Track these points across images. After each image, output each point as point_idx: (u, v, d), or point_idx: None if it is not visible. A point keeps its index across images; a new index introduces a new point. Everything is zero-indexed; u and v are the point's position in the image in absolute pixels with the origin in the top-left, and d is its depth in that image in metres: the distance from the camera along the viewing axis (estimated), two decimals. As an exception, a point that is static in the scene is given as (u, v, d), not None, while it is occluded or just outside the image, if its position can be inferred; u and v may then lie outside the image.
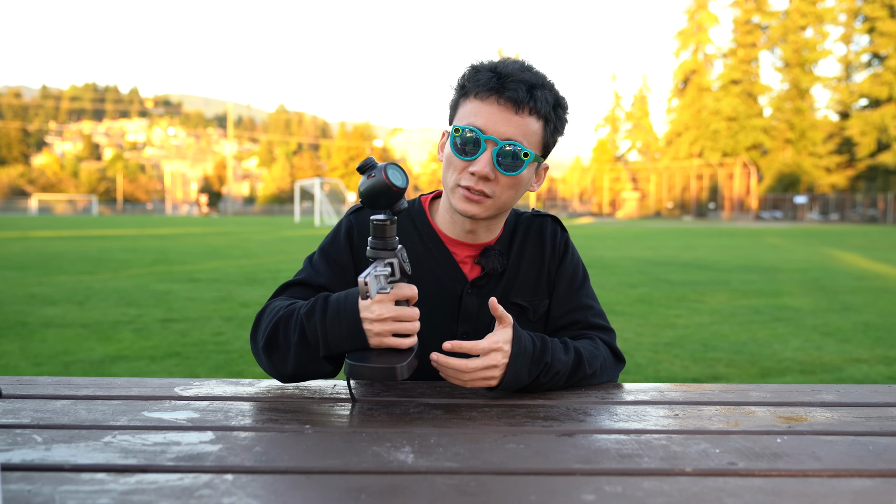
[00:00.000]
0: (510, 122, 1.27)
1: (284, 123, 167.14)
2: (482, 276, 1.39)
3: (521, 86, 1.26)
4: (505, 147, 1.26)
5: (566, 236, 1.49)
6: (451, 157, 1.31)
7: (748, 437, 1.03)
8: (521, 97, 1.26)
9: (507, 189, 1.30)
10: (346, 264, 1.38)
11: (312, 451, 0.95)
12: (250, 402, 1.20)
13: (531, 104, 1.27)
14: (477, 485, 0.83)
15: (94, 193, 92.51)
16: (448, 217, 1.40)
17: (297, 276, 1.38)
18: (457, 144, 1.29)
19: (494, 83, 1.27)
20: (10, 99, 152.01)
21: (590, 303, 1.45)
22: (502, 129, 1.27)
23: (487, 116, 1.27)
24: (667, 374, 4.60)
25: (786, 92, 65.04)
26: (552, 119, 1.32)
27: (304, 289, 1.35)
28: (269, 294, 8.27)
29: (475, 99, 1.30)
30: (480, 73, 1.30)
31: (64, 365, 4.63)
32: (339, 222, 1.43)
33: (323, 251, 1.40)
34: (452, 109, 1.37)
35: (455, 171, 1.31)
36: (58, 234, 23.57)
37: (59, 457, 0.90)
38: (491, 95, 1.28)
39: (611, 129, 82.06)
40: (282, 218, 64.34)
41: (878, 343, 5.66)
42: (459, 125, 1.29)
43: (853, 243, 21.51)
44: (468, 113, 1.30)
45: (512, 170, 1.28)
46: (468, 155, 1.28)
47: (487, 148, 1.27)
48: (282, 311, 1.24)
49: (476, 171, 1.27)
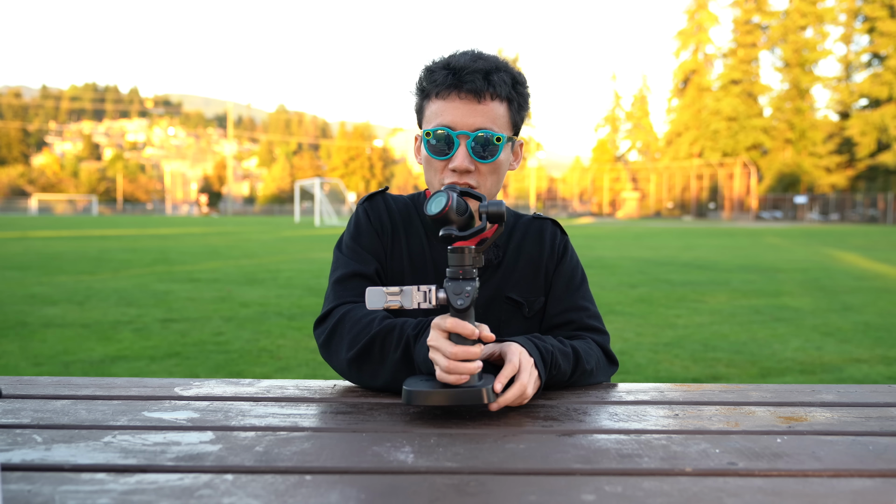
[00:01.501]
0: (475, 112, 1.31)
1: (284, 123, 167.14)
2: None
3: (477, 75, 1.30)
4: (477, 137, 1.30)
5: (566, 239, 1.51)
6: (428, 159, 1.36)
7: (748, 437, 1.03)
8: (480, 86, 1.29)
9: (489, 175, 1.34)
10: (378, 247, 1.41)
11: (312, 451, 0.94)
12: (250, 402, 1.19)
13: (491, 90, 1.30)
14: (477, 485, 0.83)
15: (94, 193, 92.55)
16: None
17: (347, 269, 1.38)
18: (431, 146, 1.33)
19: (451, 80, 1.31)
20: (10, 99, 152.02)
21: (586, 304, 1.47)
22: (470, 121, 1.30)
23: (453, 112, 1.31)
24: (667, 374, 4.60)
25: (786, 92, 65.07)
26: (514, 97, 1.35)
27: (361, 279, 1.37)
28: (269, 294, 8.30)
29: (437, 99, 1.33)
30: (435, 72, 1.34)
31: (64, 365, 4.63)
32: (355, 212, 1.45)
33: (355, 241, 1.41)
34: (418, 113, 1.41)
35: (436, 171, 1.35)
36: (58, 234, 23.58)
37: (59, 457, 0.90)
38: (451, 92, 1.31)
39: (611, 129, 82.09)
40: (282, 218, 64.36)
41: (878, 343, 5.66)
42: (429, 128, 1.33)
43: (853, 243, 21.51)
44: (434, 114, 1.34)
45: (489, 157, 1.32)
46: (444, 154, 1.32)
47: (461, 143, 1.31)
48: (376, 326, 1.25)
49: (455, 166, 1.31)
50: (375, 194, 1.47)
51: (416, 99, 1.40)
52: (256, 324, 6.22)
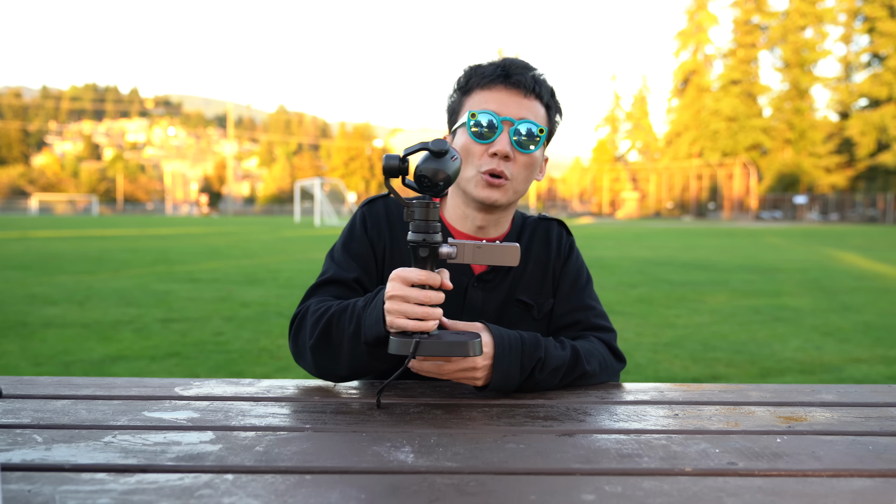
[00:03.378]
0: (521, 104, 1.32)
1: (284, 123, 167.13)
2: (489, 270, 1.40)
3: (525, 73, 1.33)
4: (521, 126, 1.31)
5: (571, 239, 1.52)
6: (468, 145, 1.33)
7: (748, 436, 1.03)
8: (528, 82, 1.33)
9: (523, 170, 1.34)
10: (368, 255, 1.40)
11: (312, 451, 0.95)
12: (250, 402, 1.19)
13: (536, 89, 1.34)
14: (477, 485, 0.83)
15: (94, 193, 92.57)
16: (460, 212, 1.41)
17: (326, 275, 1.38)
18: (474, 130, 1.31)
19: (500, 72, 1.33)
20: (10, 99, 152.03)
21: (592, 304, 1.47)
22: (514, 111, 1.32)
23: (499, 101, 1.32)
24: (667, 374, 4.60)
25: (785, 92, 65.07)
26: (553, 106, 1.39)
27: (337, 286, 1.36)
28: (269, 294, 8.31)
29: (481, 90, 1.34)
30: (482, 68, 1.36)
31: (64, 365, 4.63)
32: (354, 216, 1.45)
33: (345, 246, 1.41)
34: (453, 112, 1.39)
35: (474, 157, 1.33)
36: (58, 234, 23.57)
37: (60, 457, 0.90)
38: (498, 83, 1.33)
39: (611, 129, 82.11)
40: (282, 218, 64.34)
41: (878, 343, 5.66)
42: (474, 110, 1.32)
43: (853, 243, 21.51)
44: (478, 103, 1.33)
45: (529, 147, 1.32)
46: (486, 138, 1.31)
47: (504, 128, 1.31)
48: (333, 308, 1.25)
49: (497, 150, 1.30)
50: (377, 198, 1.45)
51: (455, 96, 1.39)
52: (256, 324, 6.22)
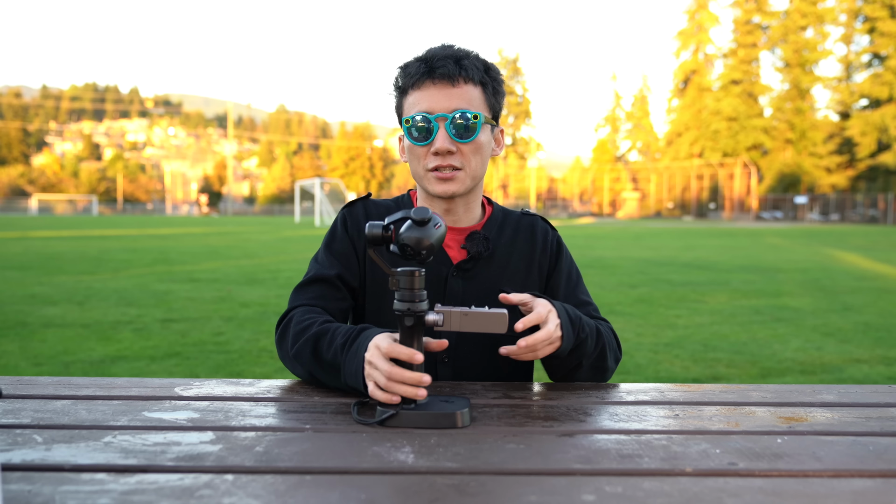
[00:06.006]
0: (450, 95, 1.34)
1: (284, 123, 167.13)
2: (468, 259, 1.42)
3: (448, 61, 1.34)
4: (455, 118, 1.33)
5: (557, 235, 1.54)
6: (411, 148, 1.38)
7: (748, 437, 1.03)
8: (452, 70, 1.33)
9: (472, 156, 1.36)
10: (350, 254, 1.44)
11: (312, 451, 0.95)
12: (250, 402, 1.19)
13: (463, 74, 1.34)
14: (477, 485, 0.83)
15: (94, 193, 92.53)
16: (427, 205, 1.45)
17: (309, 274, 1.42)
18: (412, 134, 1.36)
19: (424, 68, 1.34)
20: (10, 99, 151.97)
21: (587, 299, 1.50)
22: (445, 104, 1.33)
23: (429, 99, 1.34)
24: (667, 374, 4.60)
25: (786, 92, 65.01)
26: (488, 82, 1.38)
27: (321, 284, 1.41)
28: (269, 294, 8.31)
29: (413, 91, 1.36)
30: (409, 66, 1.38)
31: (64, 365, 4.63)
32: (336, 218, 1.49)
33: (327, 247, 1.46)
34: (398, 112, 1.43)
35: (420, 158, 1.37)
36: (58, 234, 23.58)
37: (60, 457, 0.90)
38: (425, 80, 1.35)
39: (611, 129, 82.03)
40: (282, 218, 64.36)
41: (879, 343, 5.66)
42: (407, 116, 1.36)
43: (853, 243, 21.51)
44: (411, 105, 1.37)
45: (468, 136, 1.34)
46: (425, 139, 1.35)
47: (440, 125, 1.33)
48: (314, 330, 1.27)
49: (437, 148, 1.33)
50: (356, 201, 1.50)
51: (395, 98, 1.43)
52: (256, 324, 6.22)
